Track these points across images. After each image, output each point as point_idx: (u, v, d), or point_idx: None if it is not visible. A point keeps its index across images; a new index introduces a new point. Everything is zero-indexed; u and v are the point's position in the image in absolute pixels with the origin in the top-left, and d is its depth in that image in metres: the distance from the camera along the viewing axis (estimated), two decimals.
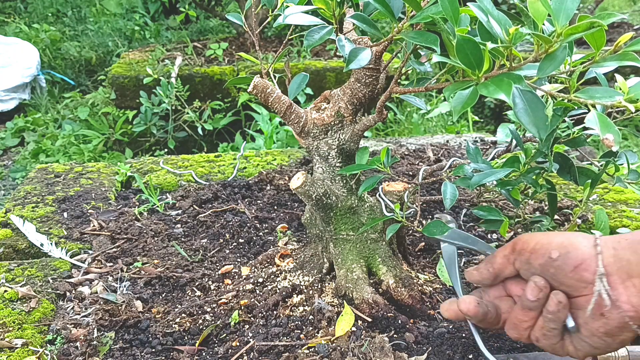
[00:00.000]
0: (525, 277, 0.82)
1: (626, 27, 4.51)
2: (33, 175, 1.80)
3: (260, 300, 1.11)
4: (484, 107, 3.89)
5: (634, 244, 0.76)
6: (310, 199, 1.06)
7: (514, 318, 0.84)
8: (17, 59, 4.39)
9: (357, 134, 1.05)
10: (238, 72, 3.60)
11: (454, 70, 0.84)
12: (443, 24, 0.78)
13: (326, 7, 0.86)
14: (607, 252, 0.77)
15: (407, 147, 1.98)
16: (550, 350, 0.84)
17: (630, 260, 0.75)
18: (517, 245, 0.82)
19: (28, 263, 1.30)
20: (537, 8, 0.68)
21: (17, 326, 1.07)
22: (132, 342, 1.04)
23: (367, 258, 1.11)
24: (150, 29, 5.23)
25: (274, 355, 0.98)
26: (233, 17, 1.07)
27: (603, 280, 0.75)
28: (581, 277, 0.76)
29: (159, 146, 3.51)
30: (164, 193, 1.67)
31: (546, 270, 0.79)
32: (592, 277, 0.76)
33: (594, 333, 0.78)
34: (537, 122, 0.72)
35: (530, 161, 1.04)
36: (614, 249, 0.77)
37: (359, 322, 1.03)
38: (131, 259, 1.31)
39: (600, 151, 2.50)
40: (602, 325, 0.77)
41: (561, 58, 0.69)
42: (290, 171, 1.76)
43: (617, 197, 1.52)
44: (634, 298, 0.74)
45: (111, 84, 3.62)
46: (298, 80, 1.08)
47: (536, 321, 0.83)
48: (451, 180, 0.98)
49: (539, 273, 0.79)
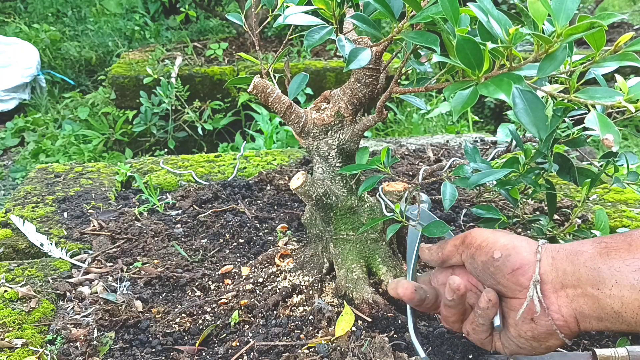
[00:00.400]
0: (469, 270, 0.86)
1: (626, 27, 4.51)
2: (33, 175, 1.80)
3: (260, 300, 1.11)
4: (484, 107, 3.89)
5: (571, 255, 0.78)
6: (310, 199, 1.06)
7: (442, 310, 0.89)
8: (17, 59, 4.39)
9: (357, 134, 1.05)
10: (238, 72, 3.60)
11: (454, 70, 0.84)
12: (443, 24, 0.78)
13: (326, 7, 0.86)
14: (545, 260, 0.79)
15: (407, 147, 1.98)
16: (479, 344, 0.88)
17: (566, 270, 0.77)
18: (467, 239, 0.85)
19: (28, 263, 1.30)
20: (537, 8, 0.68)
21: (17, 326, 1.07)
22: (132, 342, 1.04)
23: (367, 258, 1.11)
24: (150, 29, 5.23)
25: (274, 355, 0.98)
26: (233, 17, 1.07)
27: (537, 287, 0.77)
28: (517, 280, 0.79)
29: (159, 146, 3.51)
30: (164, 193, 1.67)
31: (486, 268, 0.81)
32: (528, 282, 0.78)
33: (521, 335, 0.81)
34: (537, 122, 0.72)
35: (530, 161, 1.04)
36: (553, 258, 0.79)
37: (359, 322, 1.03)
38: (131, 259, 1.31)
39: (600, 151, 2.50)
40: (530, 330, 0.80)
41: (561, 58, 0.69)
42: (290, 171, 1.76)
43: (617, 197, 1.52)
44: (564, 308, 0.77)
45: (111, 84, 3.62)
46: (298, 80, 1.08)
47: (461, 316, 0.88)
48: (451, 180, 0.98)
49: (480, 269, 0.82)
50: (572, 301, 0.77)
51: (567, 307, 0.77)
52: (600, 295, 0.74)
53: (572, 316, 0.77)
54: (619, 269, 0.73)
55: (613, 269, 0.74)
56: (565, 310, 0.77)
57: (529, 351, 0.83)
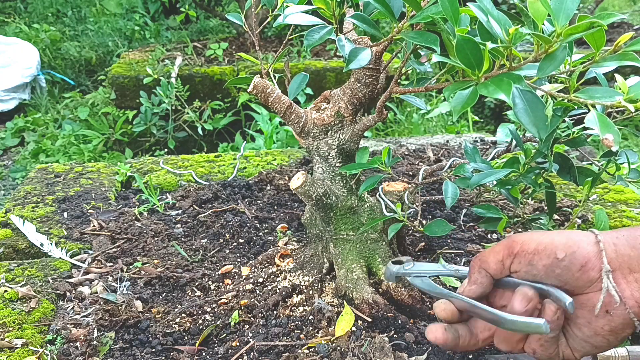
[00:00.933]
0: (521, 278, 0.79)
1: (626, 27, 4.51)
2: (33, 175, 1.80)
3: (260, 300, 1.11)
4: (484, 107, 3.89)
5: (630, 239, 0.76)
6: (310, 199, 1.06)
7: (502, 332, 0.81)
8: (17, 59, 4.39)
9: (357, 134, 1.05)
10: (238, 72, 3.60)
11: (454, 70, 0.84)
12: (443, 24, 0.78)
13: (326, 7, 0.86)
14: (609, 249, 0.76)
15: (407, 147, 1.98)
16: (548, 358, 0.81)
17: (630, 255, 0.75)
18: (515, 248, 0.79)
19: (28, 263, 1.30)
20: (537, 8, 0.68)
21: (17, 326, 1.07)
22: (132, 342, 1.04)
23: (367, 258, 1.11)
24: (150, 29, 5.23)
25: (274, 355, 0.98)
26: (233, 17, 1.07)
27: (610, 277, 0.74)
28: (588, 276, 0.75)
29: (159, 146, 3.51)
30: (164, 193, 1.67)
31: (551, 271, 0.77)
32: (597, 274, 0.75)
33: (597, 332, 0.77)
34: (537, 122, 0.72)
35: (530, 161, 1.04)
36: (614, 244, 0.76)
37: (359, 322, 1.03)
38: (131, 259, 1.31)
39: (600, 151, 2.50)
40: (607, 323, 0.76)
41: (561, 58, 0.69)
42: (290, 171, 1.76)
43: (617, 197, 1.52)
44: (636, 292, 0.74)
45: (111, 84, 3.62)
46: (298, 80, 1.08)
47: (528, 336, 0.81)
48: (451, 180, 0.98)
49: (542, 274, 0.77)
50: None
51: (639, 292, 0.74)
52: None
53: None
54: None
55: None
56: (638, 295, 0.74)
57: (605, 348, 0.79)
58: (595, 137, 0.99)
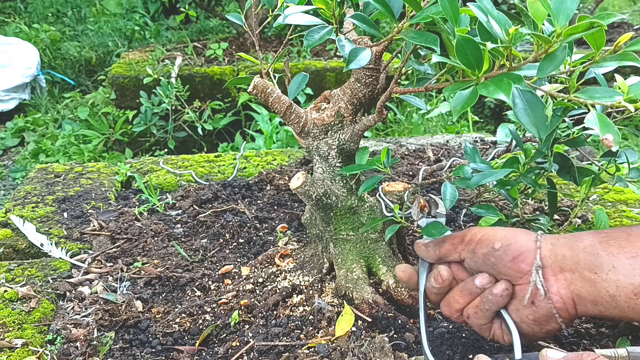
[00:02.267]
0: (467, 266, 0.89)
1: (626, 27, 4.51)
2: (33, 175, 1.80)
3: (260, 300, 1.11)
4: (484, 107, 3.89)
5: (571, 242, 0.83)
6: (310, 199, 1.06)
7: (450, 297, 0.91)
8: (17, 59, 4.39)
9: (357, 134, 1.05)
10: (238, 72, 3.60)
11: (454, 70, 0.84)
12: (443, 24, 0.78)
13: (326, 7, 0.86)
14: (545, 247, 0.83)
15: (407, 147, 1.98)
16: (477, 329, 0.91)
17: (565, 255, 0.82)
18: (467, 237, 0.89)
19: (28, 263, 1.30)
20: (537, 8, 0.68)
21: (17, 326, 1.07)
22: (132, 342, 1.04)
23: (367, 258, 1.11)
24: (150, 29, 5.23)
25: (274, 355, 0.98)
26: (233, 17, 1.07)
27: (539, 272, 0.82)
28: (518, 267, 0.83)
29: (159, 146, 3.51)
30: (164, 193, 1.67)
31: (487, 259, 0.85)
32: (529, 268, 0.83)
33: (523, 320, 0.85)
34: (537, 122, 0.72)
35: (530, 161, 1.04)
36: (552, 244, 0.83)
37: (359, 322, 1.03)
38: (131, 259, 1.31)
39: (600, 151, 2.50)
40: (531, 313, 0.84)
41: (561, 58, 0.69)
42: (290, 171, 1.76)
43: (617, 197, 1.52)
44: (562, 290, 0.82)
45: (111, 84, 3.61)
46: (298, 80, 1.08)
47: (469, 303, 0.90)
48: (451, 180, 0.98)
49: (481, 262, 0.86)
50: (570, 284, 0.81)
51: (566, 290, 0.81)
52: (597, 279, 0.79)
53: (570, 298, 0.81)
54: (617, 255, 0.78)
55: (611, 255, 0.78)
56: (564, 293, 0.81)
57: (530, 336, 0.86)
58: (595, 137, 0.99)
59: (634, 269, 0.77)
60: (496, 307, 0.86)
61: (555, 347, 0.97)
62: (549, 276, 0.82)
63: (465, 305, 0.89)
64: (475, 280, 0.87)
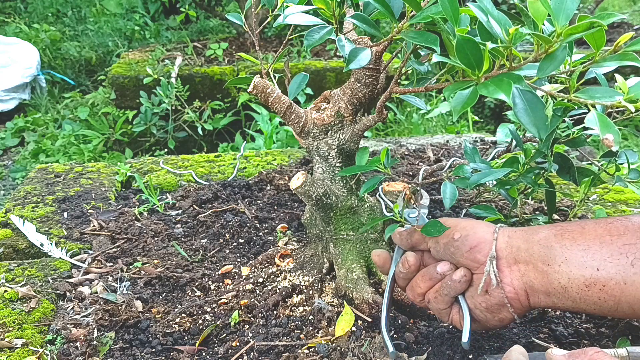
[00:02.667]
0: (433, 255, 0.94)
1: (626, 27, 4.51)
2: (33, 175, 1.80)
3: (260, 300, 1.11)
4: (484, 107, 3.89)
5: (527, 234, 0.86)
6: (310, 199, 1.06)
7: (414, 282, 0.95)
8: (17, 59, 4.39)
9: (357, 134, 1.05)
10: (238, 72, 3.59)
11: (454, 70, 0.84)
12: (443, 24, 0.78)
13: (326, 7, 0.86)
14: (501, 239, 0.86)
15: (407, 147, 1.98)
16: (437, 313, 0.95)
17: (520, 247, 0.85)
18: None
19: (28, 263, 1.30)
20: (537, 8, 0.68)
21: (17, 326, 1.07)
22: (132, 342, 1.04)
23: (367, 258, 1.11)
24: (150, 29, 5.23)
25: (274, 355, 0.98)
26: (233, 17, 1.07)
27: (493, 262, 0.85)
28: (474, 257, 0.87)
29: (159, 146, 3.51)
30: (164, 193, 1.67)
31: (447, 248, 0.89)
32: (484, 259, 0.86)
33: (476, 307, 0.89)
34: (537, 122, 0.72)
35: (530, 161, 1.04)
36: (509, 236, 0.86)
37: (359, 322, 1.03)
38: (131, 259, 1.31)
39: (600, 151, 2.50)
40: (484, 301, 0.87)
41: (561, 58, 0.69)
42: (290, 171, 1.76)
43: (617, 197, 1.52)
44: (515, 281, 0.85)
45: (111, 84, 3.61)
46: (298, 80, 1.08)
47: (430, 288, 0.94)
48: (451, 180, 0.98)
49: (442, 251, 0.90)
50: (523, 275, 0.84)
51: (519, 281, 0.84)
52: (549, 271, 0.82)
53: (523, 289, 0.84)
54: (570, 248, 0.81)
55: (564, 248, 0.81)
56: (517, 283, 0.84)
57: (483, 323, 0.90)
58: (595, 137, 0.99)
59: (585, 261, 0.79)
60: (454, 293, 0.90)
61: (556, 346, 0.97)
62: (504, 267, 0.85)
63: (427, 290, 0.93)
64: (437, 267, 0.91)
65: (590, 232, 0.81)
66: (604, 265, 0.78)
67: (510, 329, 1.04)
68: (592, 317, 1.07)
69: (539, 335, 1.02)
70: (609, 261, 0.78)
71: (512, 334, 1.02)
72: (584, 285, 0.79)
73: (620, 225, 0.81)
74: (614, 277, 0.78)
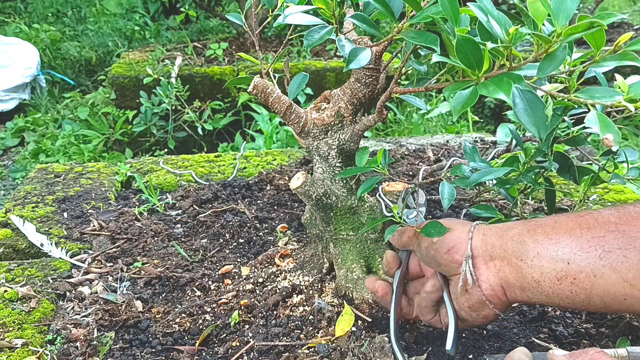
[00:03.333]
0: (419, 259, 0.96)
1: (626, 27, 4.51)
2: (33, 175, 1.80)
3: (260, 300, 1.11)
4: (484, 107, 3.89)
5: (501, 231, 0.87)
6: (310, 199, 1.06)
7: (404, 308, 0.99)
8: (17, 59, 4.39)
9: (357, 134, 1.05)
10: (238, 72, 3.59)
11: (454, 70, 0.84)
12: (443, 24, 0.78)
13: (326, 7, 0.86)
14: (477, 237, 0.87)
15: (407, 147, 1.98)
16: (429, 323, 0.98)
17: (494, 244, 0.86)
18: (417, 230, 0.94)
19: (28, 263, 1.30)
20: (537, 8, 0.68)
21: (17, 326, 1.07)
22: (132, 342, 1.04)
23: (367, 258, 1.11)
24: (150, 29, 5.23)
25: (274, 355, 0.98)
26: (233, 17, 1.07)
27: (469, 261, 0.86)
28: (453, 258, 0.88)
29: (159, 146, 3.51)
30: (164, 193, 1.67)
31: (428, 252, 0.91)
32: (462, 258, 0.87)
33: (460, 307, 0.90)
34: (537, 122, 0.72)
35: (530, 160, 1.04)
36: (484, 234, 0.87)
37: (359, 322, 1.03)
38: (131, 259, 1.31)
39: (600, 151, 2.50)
40: (466, 301, 0.89)
41: (561, 58, 0.69)
42: (290, 171, 1.76)
43: (617, 197, 1.52)
44: (492, 278, 0.86)
45: (111, 84, 3.61)
46: (298, 80, 1.08)
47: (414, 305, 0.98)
48: (450, 180, 0.98)
49: (424, 254, 0.92)
50: (499, 271, 0.85)
51: (495, 277, 0.85)
52: (523, 265, 0.83)
53: (499, 285, 0.85)
54: (542, 242, 0.82)
55: (537, 242, 0.82)
56: (493, 280, 0.85)
57: (469, 322, 0.91)
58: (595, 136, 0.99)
59: (557, 255, 0.80)
60: (432, 302, 0.94)
61: (556, 346, 0.97)
62: (480, 265, 0.86)
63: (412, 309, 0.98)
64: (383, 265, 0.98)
65: (561, 226, 0.82)
66: (574, 259, 0.79)
67: (510, 329, 1.04)
68: (592, 317, 1.07)
69: (539, 335, 1.02)
70: (578, 254, 0.79)
71: (512, 334, 1.03)
72: (555, 279, 0.80)
73: (591, 218, 0.81)
74: (584, 270, 0.78)
